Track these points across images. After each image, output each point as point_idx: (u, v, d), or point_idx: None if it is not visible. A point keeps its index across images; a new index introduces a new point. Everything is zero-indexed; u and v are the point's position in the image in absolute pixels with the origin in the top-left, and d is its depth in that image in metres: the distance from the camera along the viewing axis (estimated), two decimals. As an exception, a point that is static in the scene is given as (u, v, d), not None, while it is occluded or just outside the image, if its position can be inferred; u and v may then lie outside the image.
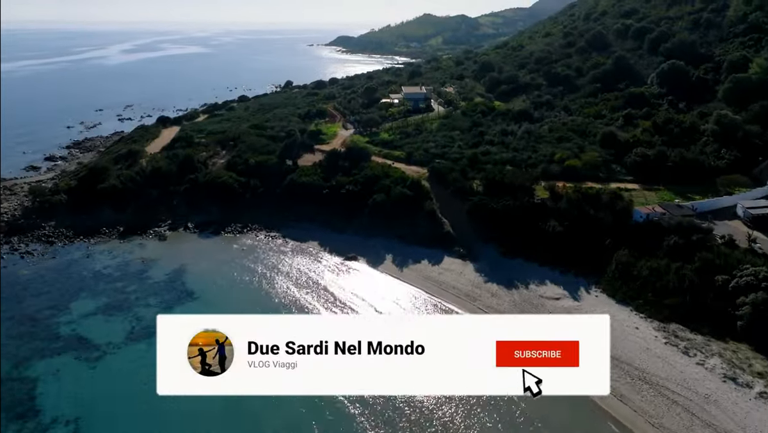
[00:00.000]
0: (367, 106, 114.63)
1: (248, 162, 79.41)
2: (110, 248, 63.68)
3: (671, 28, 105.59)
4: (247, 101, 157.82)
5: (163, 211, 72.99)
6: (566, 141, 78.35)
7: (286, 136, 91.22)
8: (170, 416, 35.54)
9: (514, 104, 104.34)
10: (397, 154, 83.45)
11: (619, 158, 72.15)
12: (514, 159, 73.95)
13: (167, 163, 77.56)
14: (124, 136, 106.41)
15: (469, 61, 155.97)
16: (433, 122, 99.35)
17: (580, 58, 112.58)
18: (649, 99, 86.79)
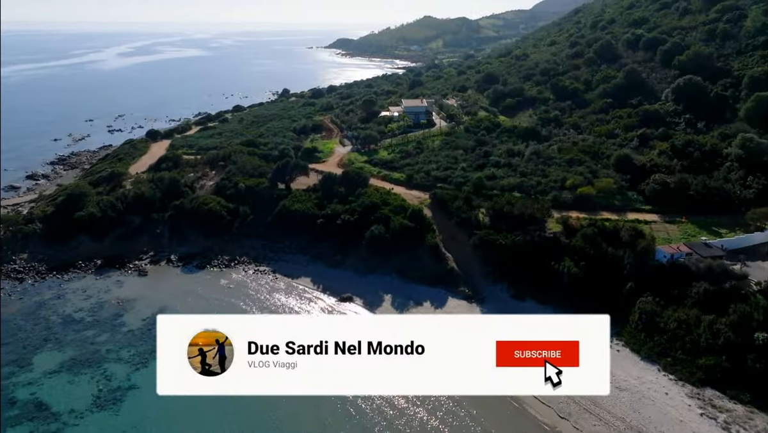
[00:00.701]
0: (365, 120, 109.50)
1: (238, 186, 74.32)
2: (85, 286, 58.53)
3: (684, 39, 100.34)
4: (242, 111, 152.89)
5: (144, 241, 67.92)
6: (577, 164, 73.19)
7: (279, 155, 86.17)
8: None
9: (520, 119, 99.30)
10: (397, 177, 78.38)
11: (635, 184, 67.01)
12: (522, 185, 68.81)
13: (150, 189, 72.42)
14: (110, 154, 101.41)
15: (471, 70, 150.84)
16: (434, 139, 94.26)
17: (588, 70, 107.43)
18: (665, 117, 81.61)
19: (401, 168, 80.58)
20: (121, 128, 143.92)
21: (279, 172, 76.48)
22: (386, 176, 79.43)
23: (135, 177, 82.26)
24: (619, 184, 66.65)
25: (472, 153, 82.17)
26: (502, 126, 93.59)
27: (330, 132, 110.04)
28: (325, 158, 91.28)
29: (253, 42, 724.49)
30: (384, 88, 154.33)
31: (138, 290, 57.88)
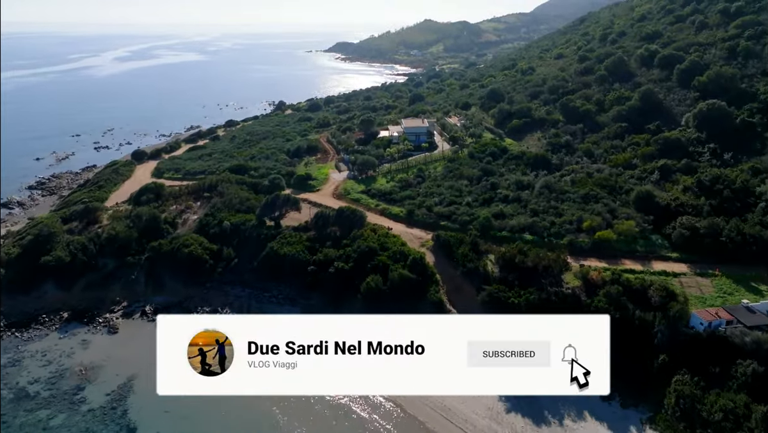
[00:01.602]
0: (363, 142, 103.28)
1: (222, 224, 68.04)
2: (46, 348, 52.19)
3: (703, 57, 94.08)
4: (235, 126, 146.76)
5: (117, 289, 61.62)
6: (594, 200, 66.91)
7: (269, 186, 79.92)
8: None
9: (528, 143, 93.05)
10: (397, 212, 72.11)
11: (660, 226, 60.71)
12: (533, 226, 62.48)
13: (126, 228, 66.09)
14: (90, 180, 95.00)
15: (474, 84, 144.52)
16: (437, 166, 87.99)
17: (600, 88, 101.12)
18: (687, 146, 75.29)
19: (401, 201, 74.34)
20: (108, 145, 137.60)
21: (268, 208, 70.15)
22: (385, 210, 73.19)
23: (113, 210, 76.01)
24: (642, 227, 60.33)
25: (478, 184, 75.90)
26: (509, 151, 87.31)
27: (325, 154, 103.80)
28: (319, 186, 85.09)
29: (252, 45, 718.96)
30: (383, 102, 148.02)
31: (105, 353, 51.54)
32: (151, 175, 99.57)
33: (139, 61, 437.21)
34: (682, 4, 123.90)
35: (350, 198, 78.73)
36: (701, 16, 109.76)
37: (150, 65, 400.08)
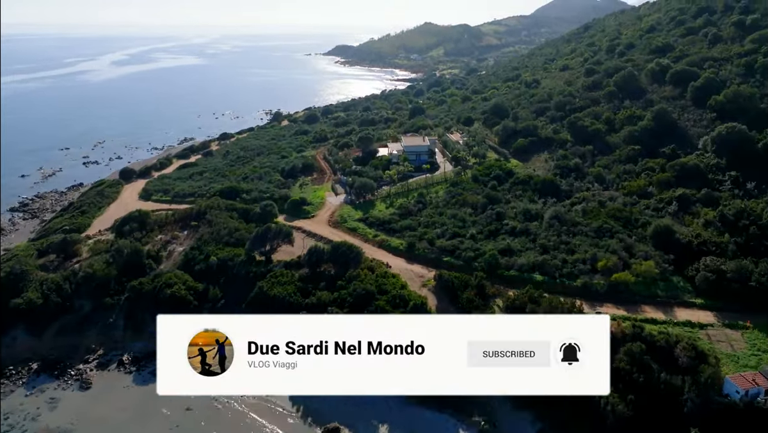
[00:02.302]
0: (361, 161, 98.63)
1: (209, 260, 63.31)
2: (9, 408, 47.41)
3: (718, 74, 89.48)
4: (230, 139, 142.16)
5: (93, 334, 56.86)
6: (608, 234, 62.26)
7: (260, 214, 75.26)
8: None
9: (534, 165, 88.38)
10: (396, 244, 67.37)
11: (681, 266, 56.06)
12: (544, 265, 57.75)
13: (105, 267, 61.32)
14: (74, 204, 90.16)
15: (477, 96, 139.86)
16: (438, 189, 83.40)
17: (609, 106, 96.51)
18: (705, 173, 70.65)
19: (401, 231, 69.63)
20: (97, 160, 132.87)
21: (258, 241, 65.37)
22: (383, 243, 68.49)
23: (93, 241, 71.35)
24: (662, 267, 55.63)
25: (482, 213, 71.22)
26: (515, 175, 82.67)
27: (321, 174, 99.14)
28: (314, 212, 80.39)
29: (250, 48, 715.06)
30: (382, 115, 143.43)
31: (75, 414, 46.81)
32: (139, 196, 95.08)
33: (136, 65, 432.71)
34: (693, 15, 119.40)
35: (347, 227, 74.13)
36: (714, 29, 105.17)
37: (147, 70, 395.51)
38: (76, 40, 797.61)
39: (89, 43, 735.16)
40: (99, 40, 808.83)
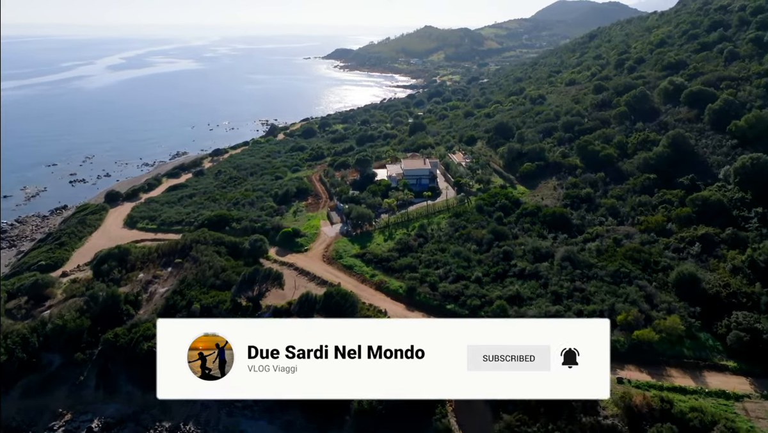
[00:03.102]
0: (359, 184, 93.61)
1: (191, 308, 58.11)
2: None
3: (737, 95, 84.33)
4: (222, 155, 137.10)
5: (62, 395, 51.65)
6: (626, 280, 57.12)
7: (250, 250, 70.16)
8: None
9: (542, 192, 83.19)
10: (395, 287, 62.16)
11: (708, 319, 50.87)
12: (556, 315, 52.57)
13: (76, 317, 56.10)
14: (53, 234, 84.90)
15: (480, 111, 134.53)
16: (440, 219, 78.29)
17: (621, 128, 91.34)
18: (730, 209, 65.43)
19: (400, 271, 64.51)
20: (84, 178, 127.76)
21: (245, 286, 60.22)
22: (382, 284, 63.30)
23: (67, 283, 66.21)
24: (688, 322, 50.44)
25: (488, 252, 66.07)
26: (522, 205, 77.49)
27: (317, 199, 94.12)
28: (308, 245, 75.37)
29: (250, 50, 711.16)
30: (381, 130, 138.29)
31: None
32: (123, 223, 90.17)
33: (132, 70, 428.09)
34: (706, 29, 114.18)
35: (342, 264, 69.04)
36: (730, 45, 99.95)
37: (143, 75, 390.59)
38: (75, 43, 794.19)
39: (88, 46, 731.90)
40: (98, 42, 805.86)
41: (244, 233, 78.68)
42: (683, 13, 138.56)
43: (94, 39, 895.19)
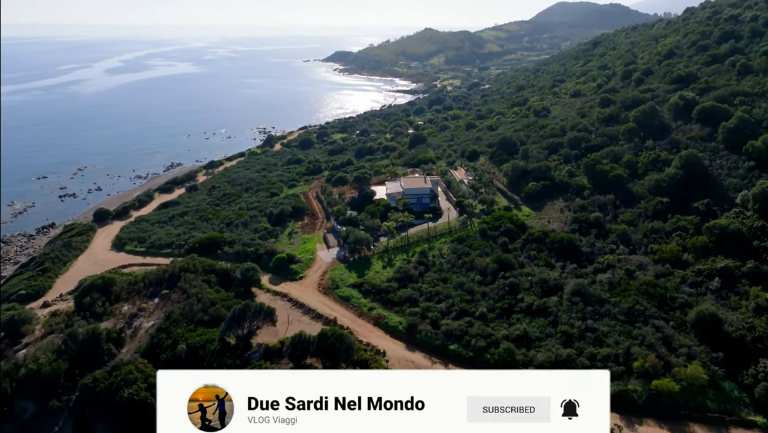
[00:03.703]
0: (357, 203, 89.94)
1: (176, 349, 54.39)
2: None
3: (752, 112, 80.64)
4: (217, 168, 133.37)
5: (35, 448, 47.95)
6: (640, 319, 53.46)
7: (241, 280, 66.48)
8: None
9: (548, 215, 79.51)
10: (395, 324, 58.42)
11: (732, 364, 47.23)
12: (568, 362, 48.89)
13: (53, 359, 52.40)
14: (36, 259, 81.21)
15: (482, 123, 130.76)
16: (442, 244, 74.59)
17: (630, 145, 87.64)
18: (750, 239, 61.71)
19: (400, 304, 60.87)
20: (75, 192, 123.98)
21: (234, 323, 56.33)
22: (380, 319, 59.57)
23: (49, 313, 62.55)
24: (711, 370, 46.74)
25: (493, 283, 62.38)
26: (528, 230, 73.77)
27: (313, 218, 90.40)
28: (302, 272, 71.71)
29: (249, 53, 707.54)
30: (381, 142, 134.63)
31: None
32: (111, 245, 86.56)
33: (130, 73, 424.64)
34: (717, 39, 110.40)
35: (339, 294, 65.38)
36: (743, 58, 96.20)
37: (141, 79, 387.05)
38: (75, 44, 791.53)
39: (90, 47, 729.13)
40: (98, 44, 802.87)
41: (236, 257, 75.10)
42: (691, 22, 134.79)
43: (95, 40, 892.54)
